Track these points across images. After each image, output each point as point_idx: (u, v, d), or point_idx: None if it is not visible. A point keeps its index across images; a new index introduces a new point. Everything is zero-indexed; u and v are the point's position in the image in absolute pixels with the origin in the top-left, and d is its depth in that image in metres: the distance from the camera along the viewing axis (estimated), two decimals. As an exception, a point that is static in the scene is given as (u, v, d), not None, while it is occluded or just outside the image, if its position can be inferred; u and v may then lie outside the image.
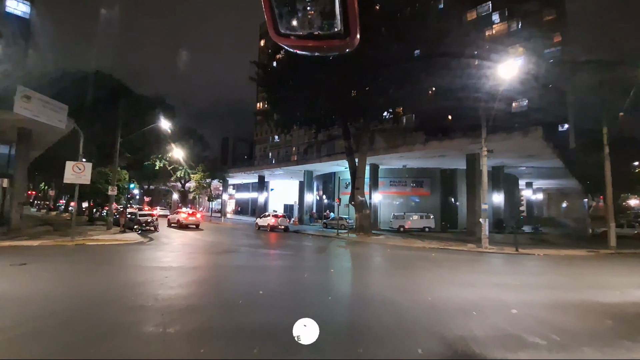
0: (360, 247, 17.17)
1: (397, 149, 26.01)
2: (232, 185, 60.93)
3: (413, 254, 14.65)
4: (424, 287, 7.59)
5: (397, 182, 33.59)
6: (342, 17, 1.06)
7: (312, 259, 12.21)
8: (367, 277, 8.95)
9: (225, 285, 7.41)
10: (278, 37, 1.13)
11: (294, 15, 1.10)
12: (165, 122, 26.04)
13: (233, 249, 13.85)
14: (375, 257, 13.85)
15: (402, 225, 28.42)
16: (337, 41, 1.11)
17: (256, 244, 16.31)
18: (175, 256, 11.69)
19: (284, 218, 25.69)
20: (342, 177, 36.61)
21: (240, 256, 11.91)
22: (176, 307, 5.39)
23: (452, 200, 32.40)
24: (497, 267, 12.47)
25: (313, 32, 1.11)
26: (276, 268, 9.75)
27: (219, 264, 9.85)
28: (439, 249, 17.35)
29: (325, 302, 5.94)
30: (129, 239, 17.21)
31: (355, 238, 21.29)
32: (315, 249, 15.36)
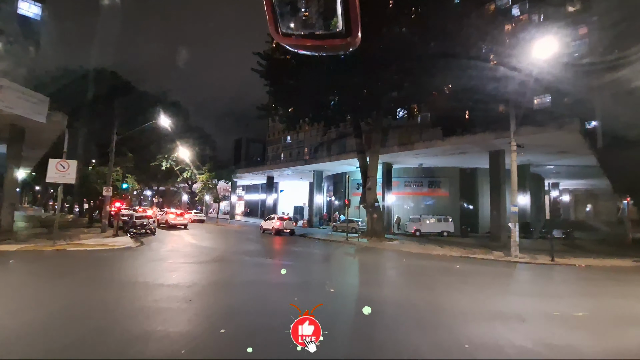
0: (371, 255, 15.19)
1: (413, 145, 23.86)
2: (242, 186, 59.68)
3: (433, 264, 12.57)
4: (455, 321, 5.59)
5: (412, 182, 31.36)
6: (344, 17, 1.05)
7: (312, 271, 10.30)
8: (377, 301, 7.01)
9: (182, 317, 5.46)
10: (279, 37, 1.12)
11: (295, 15, 1.10)
12: (166, 118, 24.68)
13: (225, 256, 12.12)
14: (388, 269, 11.87)
15: (418, 229, 26.22)
16: (338, 40, 1.10)
17: (254, 251, 14.55)
18: (152, 267, 10.05)
19: (289, 221, 23.89)
20: (353, 177, 34.48)
21: (228, 267, 10.15)
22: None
23: (473, 202, 29.93)
24: (539, 284, 10.29)
25: (314, 32, 1.11)
26: (263, 286, 7.84)
27: (196, 279, 8.05)
28: (462, 257, 15.19)
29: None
30: (117, 244, 15.76)
31: (366, 243, 19.29)
32: (319, 258, 13.50)
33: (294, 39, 1.12)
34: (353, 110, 21.53)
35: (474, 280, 9.80)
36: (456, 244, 19.95)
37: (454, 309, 6.25)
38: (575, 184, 44.65)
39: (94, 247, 14.68)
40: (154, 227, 21.75)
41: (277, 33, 1.11)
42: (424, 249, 17.62)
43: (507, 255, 15.51)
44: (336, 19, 1.06)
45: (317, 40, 1.11)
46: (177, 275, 8.64)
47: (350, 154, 28.80)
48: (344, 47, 1.12)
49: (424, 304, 6.64)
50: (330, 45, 1.13)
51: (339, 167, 33.58)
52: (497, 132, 19.69)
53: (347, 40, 1.08)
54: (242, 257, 12.02)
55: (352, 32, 1.06)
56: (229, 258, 11.61)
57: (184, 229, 25.99)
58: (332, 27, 1.08)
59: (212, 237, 20.23)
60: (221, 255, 12.40)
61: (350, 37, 1.07)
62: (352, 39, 1.07)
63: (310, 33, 1.10)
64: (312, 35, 1.10)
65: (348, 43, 1.09)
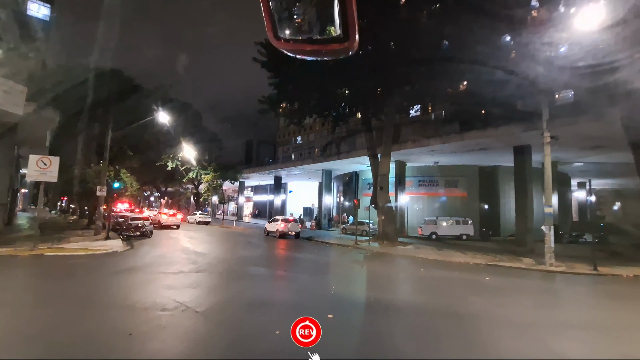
0: (382, 263, 13.37)
1: (428, 141, 21.88)
2: (250, 187, 58.45)
3: (457, 276, 10.68)
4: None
5: (428, 181, 29.31)
6: (341, 22, 1.05)
7: (309, 287, 8.39)
8: (388, 334, 5.23)
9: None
10: (277, 42, 1.12)
11: (292, 20, 1.10)
12: (166, 115, 23.48)
13: (212, 265, 10.50)
14: (403, 283, 10.05)
15: (434, 232, 24.20)
16: (336, 45, 1.10)
17: (247, 258, 12.87)
18: (122, 279, 8.52)
19: (294, 223, 22.23)
20: (364, 176, 32.74)
21: (208, 280, 8.45)
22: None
23: (493, 203, 27.67)
24: (596, 304, 8.30)
25: (312, 37, 1.11)
26: (239, 309, 6.06)
27: (162, 298, 6.42)
28: (488, 266, 13.23)
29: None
30: (103, 248, 14.42)
31: (377, 248, 17.46)
32: (322, 267, 11.74)
33: (292, 44, 1.13)
34: (363, 105, 19.77)
35: (515, 300, 7.91)
36: (478, 249, 17.93)
37: (500, 350, 4.43)
38: (602, 184, 41.72)
39: (75, 251, 13.35)
40: (150, 230, 20.43)
41: (275, 38, 1.11)
42: (442, 255, 15.69)
43: (539, 263, 13.48)
44: (334, 23, 1.06)
45: (315, 45, 1.12)
46: (141, 293, 7.08)
47: (360, 152, 26.99)
48: (342, 52, 1.11)
49: (454, 340, 4.85)
50: (328, 50, 1.12)
51: (348, 166, 31.80)
52: (526, 124, 17.61)
53: (345, 45, 1.08)
54: (232, 266, 10.38)
55: (350, 36, 1.06)
56: (215, 267, 9.98)
57: (176, 229, 26.21)
58: (330, 32, 1.07)
59: (211, 241, 18.74)
60: (209, 262, 10.80)
61: (348, 42, 1.07)
62: (350, 44, 1.08)
63: (308, 38, 1.11)
64: (310, 40, 1.11)
65: (346, 48, 1.09)
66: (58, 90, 25.46)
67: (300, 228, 23.10)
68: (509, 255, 15.71)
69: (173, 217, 28.28)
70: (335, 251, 16.35)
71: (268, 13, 1.07)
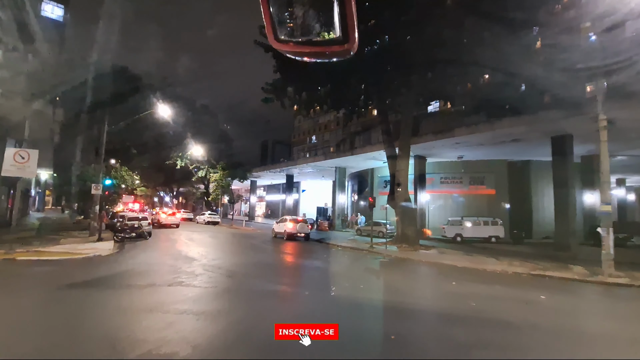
0: (403, 273, 11.25)
1: (452, 132, 19.50)
2: (263, 187, 57.07)
3: (500, 292, 8.48)
4: None
5: (451, 178, 26.84)
6: (341, 24, 1.05)
7: (309, 309, 6.53)
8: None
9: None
10: (277, 43, 1.13)
11: (293, 22, 1.10)
12: (166, 108, 22.09)
13: (196, 275, 8.67)
14: (428, 299, 7.91)
15: (459, 234, 21.80)
16: (336, 47, 1.10)
17: (243, 266, 10.92)
18: (69, 298, 6.80)
19: (303, 223, 20.29)
20: (380, 174, 30.53)
21: (179, 297, 6.64)
22: None
23: (524, 202, 24.92)
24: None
25: (312, 39, 1.10)
26: (219, 349, 4.38)
27: (93, 334, 4.68)
28: (533, 276, 10.92)
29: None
30: (87, 251, 12.95)
31: (396, 252, 15.31)
32: (329, 278, 9.64)
33: (292, 45, 1.13)
34: (378, 94, 17.66)
35: (593, 334, 5.70)
36: (513, 254, 15.52)
37: None
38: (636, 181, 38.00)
39: (52, 255, 11.88)
40: (148, 230, 18.98)
41: (276, 40, 1.11)
42: (473, 261, 13.40)
43: (593, 273, 11.07)
44: (333, 25, 1.05)
45: (315, 46, 1.11)
46: (74, 322, 5.31)
47: (376, 146, 24.85)
48: (341, 54, 1.11)
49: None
50: (328, 51, 1.12)
51: (363, 162, 29.68)
52: (567, 110, 15.11)
53: (344, 47, 1.08)
54: (218, 278, 8.47)
55: (350, 38, 1.06)
56: (198, 279, 8.07)
57: (176, 227, 26.39)
58: (330, 34, 1.07)
59: (210, 244, 17.05)
60: (193, 272, 8.96)
61: (348, 44, 1.07)
62: (350, 45, 1.07)
63: (308, 40, 1.10)
64: (310, 42, 1.11)
65: (346, 49, 1.09)
66: (65, 87, 24.55)
67: (310, 229, 21.15)
68: (552, 262, 13.28)
69: (172, 217, 28.44)
70: (348, 257, 14.30)
71: (268, 15, 1.07)
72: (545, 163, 24.13)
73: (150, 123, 32.38)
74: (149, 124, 32.06)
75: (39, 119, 23.61)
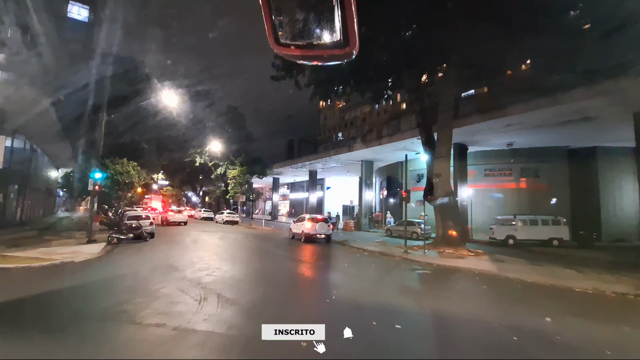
0: (455, 295, 8.13)
1: (504, 110, 15.86)
2: (286, 184, 54.91)
3: (631, 336, 5.28)
4: None
5: (497, 170, 23.03)
6: (342, 27, 1.04)
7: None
8: None
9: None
10: (278, 47, 1.12)
11: (293, 25, 1.09)
12: (170, 98, 20.12)
13: (169, 300, 6.13)
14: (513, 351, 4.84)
15: (511, 236, 18.13)
16: (336, 50, 1.09)
17: (238, 280, 8.12)
18: None
19: (324, 223, 17.44)
20: (412, 167, 27.03)
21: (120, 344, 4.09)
22: None
23: (590, 197, 20.64)
24: None
25: (312, 42, 1.10)
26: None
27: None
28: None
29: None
30: (62, 256, 10.95)
31: (436, 259, 12.12)
32: (349, 307, 6.53)
33: (293, 49, 1.12)
34: (412, 59, 14.40)
35: None
36: (591, 263, 11.93)
37: None
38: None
39: (18, 262, 9.89)
40: (150, 230, 16.97)
41: (276, 43, 1.11)
42: (544, 274, 10.00)
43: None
44: (334, 29, 1.05)
45: (316, 50, 1.11)
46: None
47: (407, 134, 21.65)
48: (342, 57, 1.11)
49: None
50: (329, 55, 1.12)
51: (392, 154, 26.39)
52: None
53: (345, 50, 1.07)
54: (188, 306, 5.84)
55: (350, 41, 1.06)
56: (152, 311, 5.54)
57: (184, 225, 26.65)
58: (330, 38, 1.07)
59: (214, 247, 14.61)
60: (163, 294, 6.42)
61: (349, 47, 1.06)
62: (350, 49, 1.07)
63: (309, 43, 1.10)
64: (311, 46, 1.10)
65: (347, 53, 1.08)
66: (83, 84, 23.30)
67: (331, 229, 18.29)
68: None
69: (180, 214, 28.75)
70: (376, 266, 11.28)
71: (269, 18, 1.07)
72: (618, 150, 19.88)
73: (169, 120, 31.15)
74: (169, 122, 30.89)
75: (53, 116, 22.50)
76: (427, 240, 14.74)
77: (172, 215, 28.25)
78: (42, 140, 26.24)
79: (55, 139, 25.80)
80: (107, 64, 28.21)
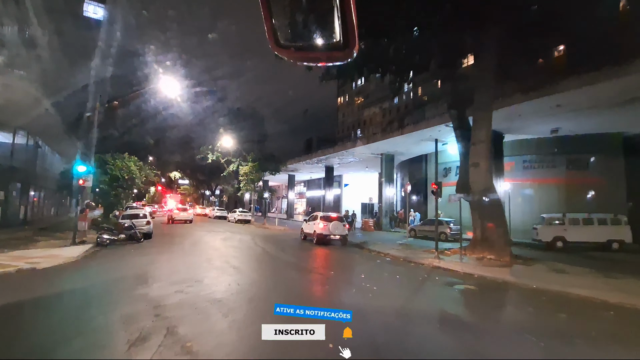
0: (523, 325, 5.79)
1: (555, 86, 13.04)
2: (303, 182, 52.97)
3: None
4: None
5: (538, 162, 20.09)
6: (341, 29, 1.04)
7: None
8: None
9: None
10: (278, 49, 1.11)
11: (293, 27, 1.09)
12: (171, 85, 18.51)
13: (123, 320, 4.25)
14: None
15: (560, 237, 15.36)
16: (336, 52, 1.09)
17: (216, 303, 5.87)
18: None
19: (338, 222, 15.24)
20: (438, 160, 24.41)
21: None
22: None
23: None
24: None
25: (312, 44, 1.10)
26: None
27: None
28: None
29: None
30: (32, 260, 9.45)
31: (477, 268, 9.72)
32: (367, 340, 4.40)
33: (293, 51, 1.12)
34: (446, 33, 11.92)
35: None
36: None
37: None
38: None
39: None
40: (146, 231, 15.40)
41: (276, 45, 1.10)
42: (627, 290, 7.46)
43: None
44: (334, 31, 1.04)
45: (316, 52, 1.11)
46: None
47: (434, 121, 19.11)
48: (342, 58, 1.11)
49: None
50: (329, 56, 1.12)
51: (415, 146, 23.85)
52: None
53: (345, 52, 1.07)
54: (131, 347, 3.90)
55: (350, 43, 1.05)
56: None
57: (190, 223, 26.84)
58: (330, 39, 1.06)
59: (212, 249, 12.78)
60: (86, 321, 4.53)
61: (348, 49, 1.06)
62: (350, 51, 1.07)
63: (309, 45, 1.10)
64: (311, 47, 1.10)
65: (346, 54, 1.08)
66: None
67: (347, 229, 16.09)
68: None
69: (184, 212, 28.68)
70: (402, 276, 8.98)
71: (269, 20, 1.07)
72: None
73: (181, 118, 30.12)
74: (181, 119, 29.90)
75: (58, 113, 21.49)
76: (460, 243, 12.27)
77: (177, 213, 28.47)
78: (47, 137, 25.40)
79: (62, 136, 24.89)
80: (120, 61, 27.24)
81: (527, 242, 16.59)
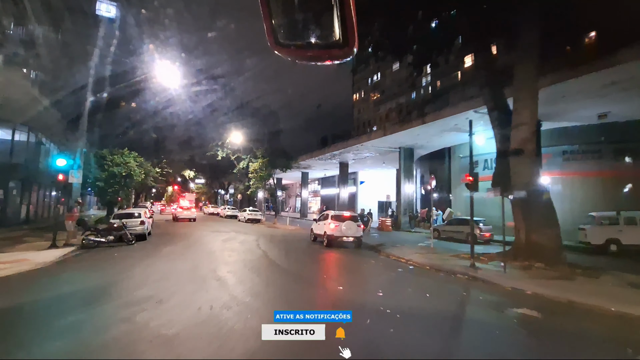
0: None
1: (611, 59, 10.68)
2: (317, 180, 51.23)
3: None
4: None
5: (581, 152, 17.65)
6: (341, 27, 1.03)
7: None
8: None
9: None
10: (277, 47, 1.10)
11: (292, 25, 1.08)
12: (169, 75, 17.10)
13: None
14: None
15: (613, 239, 13.04)
16: (336, 50, 1.08)
17: (173, 341, 4.45)
18: None
19: (351, 222, 13.35)
20: (462, 153, 22.21)
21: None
22: None
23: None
24: None
25: (312, 42, 1.09)
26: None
27: None
28: None
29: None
30: (1, 267, 8.06)
31: (527, 282, 7.68)
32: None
33: (292, 49, 1.11)
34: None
35: None
36: None
37: None
38: None
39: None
40: (140, 232, 13.98)
41: (275, 43, 1.09)
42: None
43: None
44: (334, 29, 1.03)
45: (315, 50, 1.10)
46: None
47: (460, 107, 16.95)
48: (341, 57, 1.10)
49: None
50: (328, 55, 1.11)
51: (437, 138, 21.70)
52: None
53: (344, 50, 1.07)
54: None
55: (349, 41, 1.05)
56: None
57: (193, 221, 26.96)
58: (330, 38, 1.06)
59: (207, 254, 11.22)
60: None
61: (348, 47, 1.06)
62: (350, 49, 1.06)
63: (308, 43, 1.09)
64: (310, 45, 1.09)
65: (346, 52, 1.08)
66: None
67: (362, 230, 14.20)
68: None
69: (188, 211, 29.06)
70: (432, 294, 6.96)
71: (268, 19, 1.06)
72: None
73: (193, 116, 29.13)
74: (192, 118, 28.94)
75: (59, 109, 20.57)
76: (503, 247, 10.21)
77: (180, 212, 28.95)
78: (50, 133, 24.57)
79: (66, 132, 24.01)
80: (131, 55, 26.25)
81: (570, 245, 14.28)
